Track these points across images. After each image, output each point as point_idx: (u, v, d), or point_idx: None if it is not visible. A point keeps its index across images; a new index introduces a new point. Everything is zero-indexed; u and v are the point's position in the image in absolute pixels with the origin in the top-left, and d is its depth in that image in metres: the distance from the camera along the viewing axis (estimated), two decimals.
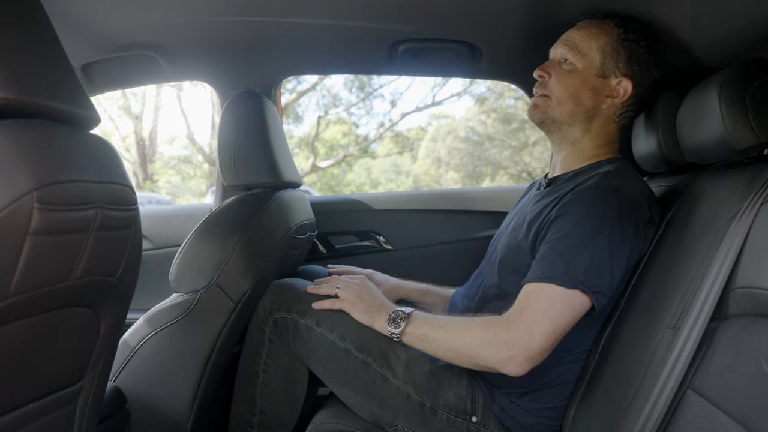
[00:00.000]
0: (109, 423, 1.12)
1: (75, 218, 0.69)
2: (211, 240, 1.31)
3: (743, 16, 1.05)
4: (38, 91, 0.68)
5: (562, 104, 1.19)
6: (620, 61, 1.17)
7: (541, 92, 1.21)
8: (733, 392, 0.73)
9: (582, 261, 1.00)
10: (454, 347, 1.06)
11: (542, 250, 1.06)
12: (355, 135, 11.27)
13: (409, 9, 1.30)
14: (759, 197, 0.84)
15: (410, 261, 1.85)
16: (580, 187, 1.09)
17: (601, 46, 1.17)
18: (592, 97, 1.18)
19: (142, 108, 9.49)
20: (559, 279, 1.00)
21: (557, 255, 1.02)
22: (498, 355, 1.00)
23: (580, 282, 0.99)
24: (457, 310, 1.27)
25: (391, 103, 12.73)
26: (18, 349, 0.71)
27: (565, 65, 1.19)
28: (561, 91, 1.18)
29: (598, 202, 1.04)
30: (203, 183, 9.77)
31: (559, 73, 1.19)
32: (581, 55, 1.17)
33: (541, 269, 1.02)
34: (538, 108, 1.21)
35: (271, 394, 1.29)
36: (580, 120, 1.19)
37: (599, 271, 1.01)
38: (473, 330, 1.04)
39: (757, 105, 0.93)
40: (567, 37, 1.20)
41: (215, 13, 1.33)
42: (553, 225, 1.06)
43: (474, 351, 1.03)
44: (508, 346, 0.99)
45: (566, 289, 1.00)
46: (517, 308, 1.02)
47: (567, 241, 1.02)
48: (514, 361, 0.99)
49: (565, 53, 1.19)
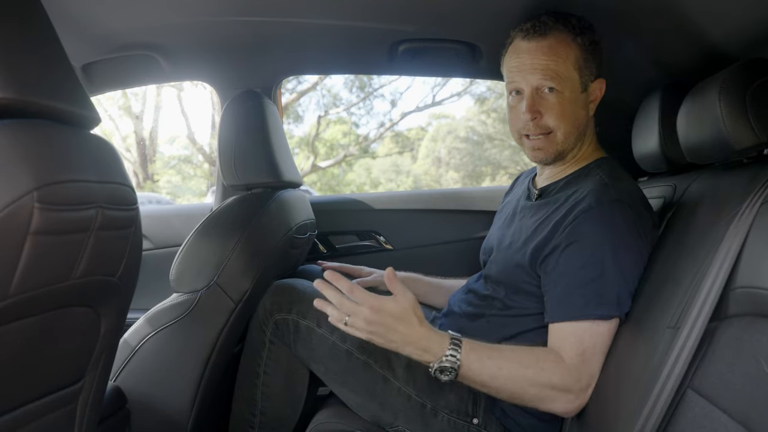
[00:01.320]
0: (110, 423, 1.12)
1: (75, 218, 0.70)
2: (211, 240, 1.31)
3: (743, 16, 1.05)
4: (39, 91, 0.68)
5: (568, 136, 1.14)
6: (591, 68, 1.14)
7: (540, 132, 1.13)
8: (733, 392, 0.73)
9: (612, 288, 1.01)
10: (518, 393, 1.03)
11: (565, 283, 1.03)
12: (355, 135, 11.26)
13: (409, 9, 1.30)
14: (759, 197, 0.84)
15: (410, 261, 1.85)
16: (581, 208, 1.06)
17: (573, 63, 1.11)
18: (585, 113, 1.16)
19: (143, 108, 9.49)
20: (598, 314, 1.01)
21: (587, 287, 1.01)
22: (569, 406, 1.01)
23: (616, 309, 1.01)
24: (456, 315, 1.26)
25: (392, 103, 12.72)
26: (18, 348, 0.71)
27: (551, 96, 1.11)
28: (563, 124, 1.12)
29: (606, 222, 1.03)
30: (203, 183, 9.77)
31: (551, 105, 1.11)
32: (564, 80, 1.10)
33: (575, 305, 1.02)
34: (544, 150, 1.14)
35: (271, 395, 1.29)
36: (578, 138, 1.17)
37: (627, 292, 1.02)
38: (540, 374, 1.01)
39: (757, 105, 0.93)
40: (539, 65, 1.10)
41: (216, 13, 1.33)
42: (566, 254, 1.04)
43: (540, 398, 1.02)
44: (577, 396, 1.01)
45: (609, 321, 1.01)
46: (576, 352, 1.01)
47: (592, 272, 1.01)
48: (580, 407, 1.02)
49: (546, 83, 1.10)
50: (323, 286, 1.04)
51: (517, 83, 1.14)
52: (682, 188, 1.17)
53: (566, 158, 1.19)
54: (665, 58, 1.31)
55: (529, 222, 1.17)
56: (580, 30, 1.12)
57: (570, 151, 1.18)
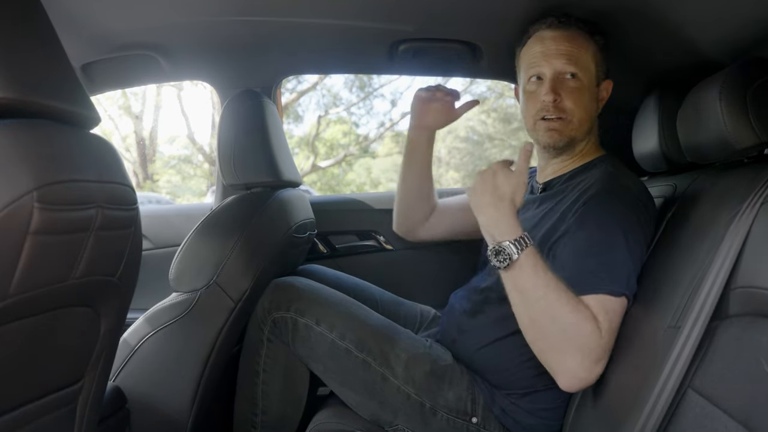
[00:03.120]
0: (110, 422, 1.12)
1: (75, 218, 0.69)
2: (210, 239, 1.31)
3: (743, 16, 1.05)
4: (39, 91, 0.68)
5: (583, 123, 1.17)
6: (604, 67, 1.21)
7: (558, 115, 1.15)
8: (733, 392, 0.73)
9: (623, 266, 0.99)
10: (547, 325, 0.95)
11: (575, 262, 1.01)
12: (355, 134, 11.25)
13: (409, 9, 1.30)
14: (759, 197, 0.84)
15: (410, 261, 1.85)
16: (590, 194, 1.07)
17: (592, 56, 1.18)
18: (596, 107, 1.21)
19: (143, 108, 9.48)
20: (610, 288, 0.98)
21: (601, 265, 0.99)
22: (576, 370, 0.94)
23: (625, 286, 0.99)
24: (455, 312, 1.27)
25: (392, 102, 12.68)
26: (18, 348, 0.71)
27: (571, 81, 1.15)
28: (579, 111, 1.15)
29: (616, 204, 1.04)
30: (203, 182, 9.76)
31: (570, 91, 1.15)
32: (584, 69, 1.16)
33: (591, 283, 0.98)
34: (560, 133, 1.16)
35: (271, 394, 1.29)
36: (588, 130, 1.21)
37: (633, 272, 1.01)
38: (573, 318, 0.94)
39: (757, 105, 0.93)
40: (563, 51, 1.15)
41: (215, 13, 1.32)
42: (578, 235, 1.04)
43: (559, 340, 0.95)
44: (590, 364, 0.94)
45: (619, 297, 0.98)
46: (606, 321, 0.96)
47: (604, 249, 1.00)
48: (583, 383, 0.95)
49: (568, 68, 1.15)
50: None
51: (539, 68, 1.17)
52: (682, 188, 1.17)
53: (574, 150, 1.21)
54: (665, 59, 1.31)
55: (533, 213, 1.18)
56: (596, 30, 1.19)
57: (579, 142, 1.20)
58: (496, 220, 0.98)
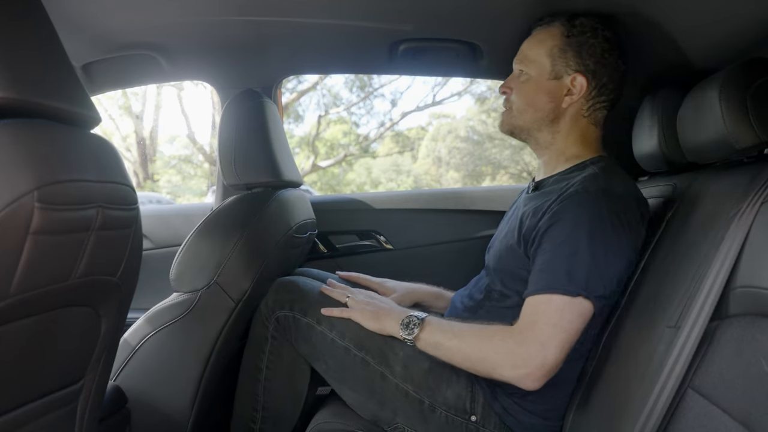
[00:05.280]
0: (110, 422, 1.13)
1: (76, 218, 0.70)
2: (211, 239, 1.31)
3: (743, 16, 1.05)
4: (39, 91, 0.68)
5: (523, 113, 1.23)
6: (570, 59, 1.19)
7: (505, 107, 1.27)
8: (733, 392, 0.73)
9: (582, 268, 1.01)
10: (470, 358, 1.07)
11: (540, 261, 1.06)
12: (355, 134, 11.27)
13: (409, 9, 1.30)
14: (759, 197, 0.84)
15: (410, 261, 1.85)
16: (568, 192, 1.08)
17: (548, 50, 1.20)
18: (550, 100, 1.20)
19: (143, 107, 9.49)
20: (564, 288, 1.00)
21: (558, 264, 1.03)
22: (514, 372, 1.01)
23: (583, 288, 1.00)
24: (458, 310, 1.27)
25: (392, 102, 12.71)
26: (19, 348, 0.71)
27: (522, 77, 1.23)
28: (519, 101, 1.23)
29: (588, 206, 1.05)
30: (204, 182, 9.77)
31: (516, 84, 1.24)
32: (532, 63, 1.21)
33: (545, 280, 1.03)
34: (503, 122, 1.28)
35: (273, 390, 1.30)
36: (545, 123, 1.22)
37: (599, 276, 1.02)
38: (488, 342, 1.05)
39: (757, 105, 0.93)
40: (519, 51, 1.25)
41: (216, 13, 1.33)
42: (546, 234, 1.07)
43: (489, 365, 1.04)
44: (524, 362, 1.00)
45: (572, 297, 1.00)
46: (528, 321, 1.02)
47: (565, 250, 1.03)
48: (530, 378, 1.00)
49: (518, 66, 1.24)
50: (332, 283, 1.31)
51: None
52: (682, 188, 1.17)
53: (538, 142, 1.24)
54: (665, 59, 1.31)
55: (522, 211, 1.19)
56: (568, 19, 1.20)
57: (535, 131, 1.23)
58: (384, 325, 1.18)
